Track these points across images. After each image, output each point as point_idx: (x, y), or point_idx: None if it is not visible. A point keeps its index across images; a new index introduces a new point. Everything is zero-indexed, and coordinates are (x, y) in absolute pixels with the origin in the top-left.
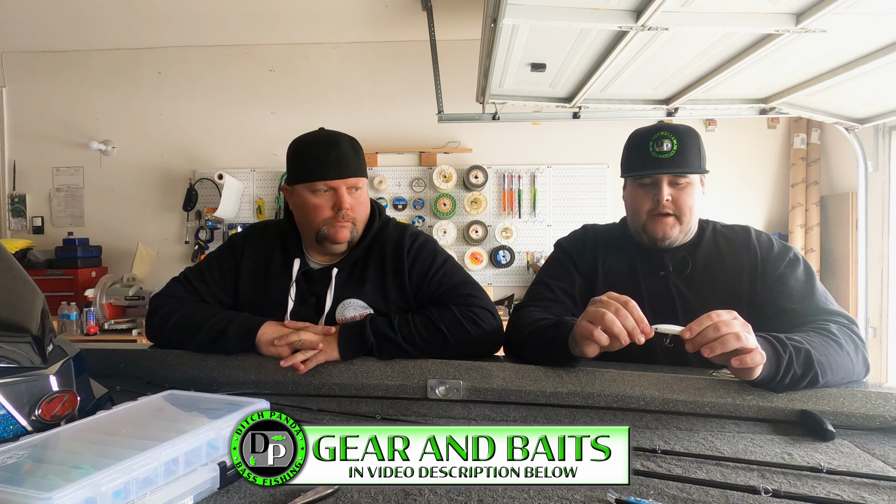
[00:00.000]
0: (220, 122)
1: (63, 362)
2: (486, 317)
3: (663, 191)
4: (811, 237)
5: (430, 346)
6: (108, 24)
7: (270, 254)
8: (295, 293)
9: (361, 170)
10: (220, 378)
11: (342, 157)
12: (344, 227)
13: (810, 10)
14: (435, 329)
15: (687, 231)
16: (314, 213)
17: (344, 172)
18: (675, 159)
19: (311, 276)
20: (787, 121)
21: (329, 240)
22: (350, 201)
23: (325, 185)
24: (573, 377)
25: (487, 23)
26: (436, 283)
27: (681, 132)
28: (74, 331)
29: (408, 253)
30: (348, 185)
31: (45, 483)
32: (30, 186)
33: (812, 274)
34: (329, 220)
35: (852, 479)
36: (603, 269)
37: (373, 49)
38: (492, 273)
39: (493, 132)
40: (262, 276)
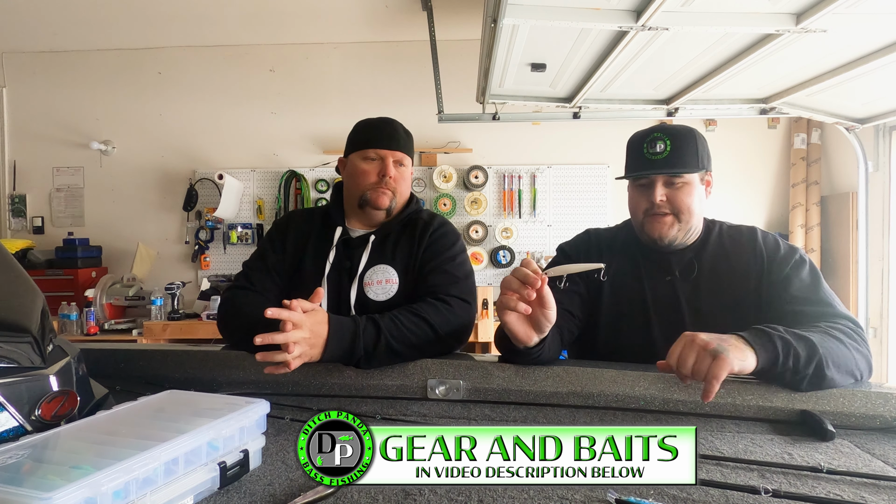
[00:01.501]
0: (220, 122)
1: (63, 362)
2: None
3: (657, 191)
4: (811, 237)
5: (419, 339)
6: (109, 24)
7: (312, 228)
8: (333, 257)
9: (409, 150)
10: (220, 378)
11: (394, 133)
12: (385, 194)
13: (810, 10)
14: (423, 322)
15: (688, 230)
16: (362, 177)
17: (392, 145)
18: (668, 159)
19: (350, 244)
20: (788, 121)
21: (370, 204)
22: (394, 173)
23: (374, 152)
24: (573, 377)
25: (487, 23)
26: (439, 263)
27: (675, 133)
28: (74, 331)
29: (432, 232)
30: (395, 157)
31: (45, 483)
32: (30, 186)
33: (818, 276)
34: (374, 185)
35: (852, 479)
36: (608, 273)
37: (373, 49)
38: (492, 273)
39: (493, 132)
40: (304, 246)
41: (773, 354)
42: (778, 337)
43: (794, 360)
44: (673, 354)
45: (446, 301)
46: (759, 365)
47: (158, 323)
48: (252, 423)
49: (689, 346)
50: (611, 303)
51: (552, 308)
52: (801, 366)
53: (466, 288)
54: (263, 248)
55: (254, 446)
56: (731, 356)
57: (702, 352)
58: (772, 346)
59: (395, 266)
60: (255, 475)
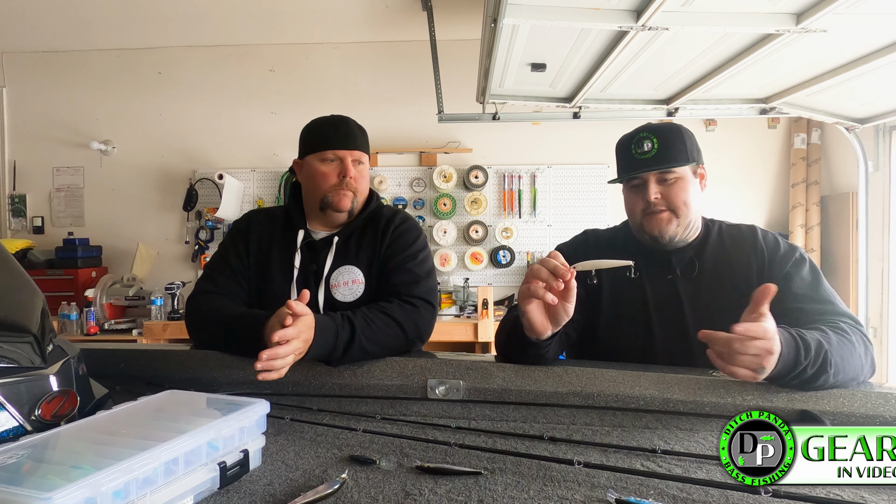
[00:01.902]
0: (220, 122)
1: (63, 362)
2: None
3: (650, 189)
4: (811, 237)
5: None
6: (108, 24)
7: (274, 230)
8: (299, 261)
9: (365, 148)
10: (220, 378)
11: (349, 132)
12: (346, 196)
13: (810, 10)
14: (392, 321)
15: (687, 225)
16: (322, 180)
17: (350, 144)
18: (658, 157)
19: (314, 246)
20: (788, 121)
21: (332, 207)
22: (354, 172)
23: (333, 153)
24: (573, 377)
25: (487, 23)
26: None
27: (661, 130)
28: (74, 331)
29: (394, 228)
30: (353, 156)
31: (45, 483)
32: (30, 186)
33: (818, 274)
34: (334, 187)
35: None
36: (607, 274)
37: (373, 49)
38: (492, 273)
39: (493, 132)
40: (267, 249)
41: (789, 366)
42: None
43: (800, 379)
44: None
45: (412, 303)
46: (773, 372)
47: (158, 323)
48: (252, 423)
49: (760, 346)
50: (610, 303)
51: (573, 302)
52: (810, 377)
53: (428, 287)
54: (225, 251)
55: (254, 446)
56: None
57: (766, 356)
58: (794, 358)
59: (360, 265)
60: (255, 475)
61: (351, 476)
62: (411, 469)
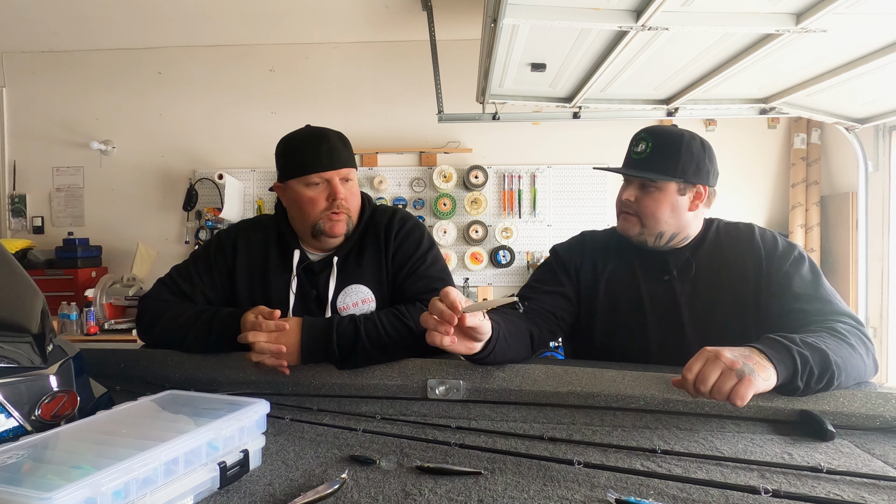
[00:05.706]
0: (220, 122)
1: (63, 362)
2: None
3: (628, 189)
4: (811, 237)
5: (396, 345)
6: (108, 24)
7: (266, 249)
8: (296, 287)
9: (352, 161)
10: (220, 378)
11: (333, 149)
12: (340, 221)
13: (810, 10)
14: (402, 325)
15: (656, 235)
16: (310, 206)
17: (336, 163)
18: (644, 162)
19: (312, 269)
20: (788, 121)
21: (326, 234)
22: (344, 192)
23: (318, 177)
24: (573, 377)
25: (487, 23)
26: (412, 268)
27: (660, 136)
28: (74, 331)
29: (396, 234)
30: (341, 175)
31: (45, 483)
32: (30, 186)
33: (818, 272)
34: (325, 211)
35: (852, 479)
36: (604, 275)
37: (373, 49)
38: (492, 273)
39: (493, 132)
40: (260, 272)
41: (792, 372)
42: (797, 352)
43: (807, 377)
44: (691, 370)
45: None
46: (777, 383)
47: None
48: (252, 423)
49: (713, 363)
50: (606, 305)
51: (480, 332)
52: (814, 382)
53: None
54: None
55: (254, 446)
56: (757, 377)
57: (727, 371)
58: (791, 363)
59: (367, 282)
60: (255, 475)
61: (351, 476)
62: (411, 469)
